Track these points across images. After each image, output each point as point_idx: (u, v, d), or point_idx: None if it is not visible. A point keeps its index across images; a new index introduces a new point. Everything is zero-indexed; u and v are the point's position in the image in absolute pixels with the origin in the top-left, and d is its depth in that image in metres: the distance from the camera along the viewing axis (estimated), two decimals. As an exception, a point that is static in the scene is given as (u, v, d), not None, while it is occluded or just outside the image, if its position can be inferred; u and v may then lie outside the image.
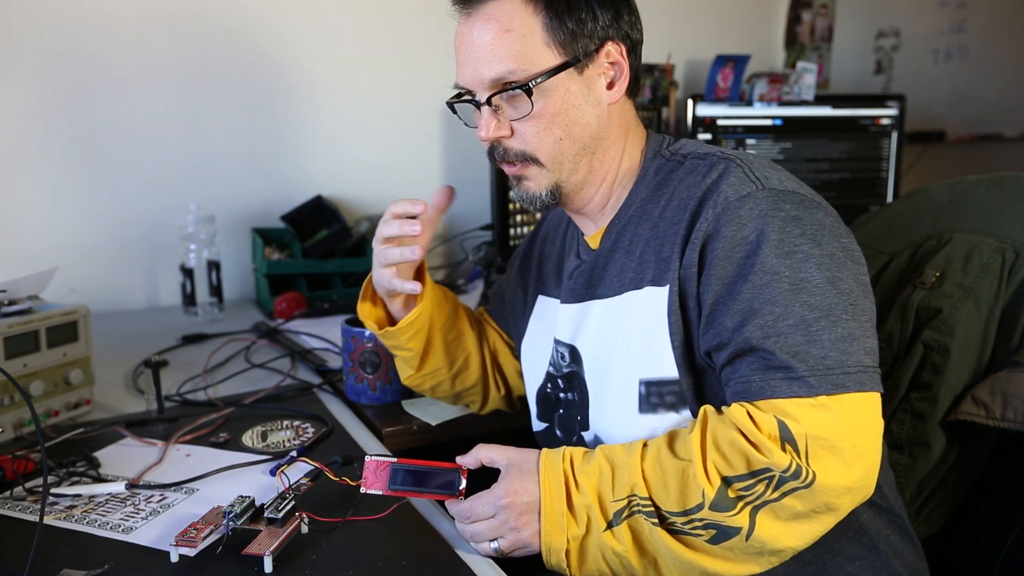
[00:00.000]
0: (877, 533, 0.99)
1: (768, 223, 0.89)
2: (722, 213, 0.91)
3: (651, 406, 0.96)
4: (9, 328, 1.18)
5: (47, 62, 1.87)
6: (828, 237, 0.90)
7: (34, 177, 1.90)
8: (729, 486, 0.84)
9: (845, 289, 0.88)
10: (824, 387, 0.84)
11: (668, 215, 0.98)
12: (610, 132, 1.02)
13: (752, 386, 0.86)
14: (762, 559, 0.86)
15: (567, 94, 0.97)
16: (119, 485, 1.04)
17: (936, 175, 2.58)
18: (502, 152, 1.01)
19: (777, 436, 0.83)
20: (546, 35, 0.95)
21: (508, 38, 0.95)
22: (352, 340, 1.33)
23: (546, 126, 0.98)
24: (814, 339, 0.85)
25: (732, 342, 0.88)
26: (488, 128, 0.98)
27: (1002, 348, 1.15)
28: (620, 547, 0.89)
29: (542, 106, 0.97)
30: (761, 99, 2.24)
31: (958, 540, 1.17)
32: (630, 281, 1.00)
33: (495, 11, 0.95)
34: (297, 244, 1.98)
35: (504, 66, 0.95)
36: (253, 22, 2.04)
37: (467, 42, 0.97)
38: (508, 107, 0.98)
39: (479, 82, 0.98)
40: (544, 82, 0.95)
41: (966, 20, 2.62)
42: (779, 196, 0.91)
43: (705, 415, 0.89)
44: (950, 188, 1.29)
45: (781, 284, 0.87)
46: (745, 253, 0.89)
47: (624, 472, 0.89)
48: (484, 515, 0.93)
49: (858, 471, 0.84)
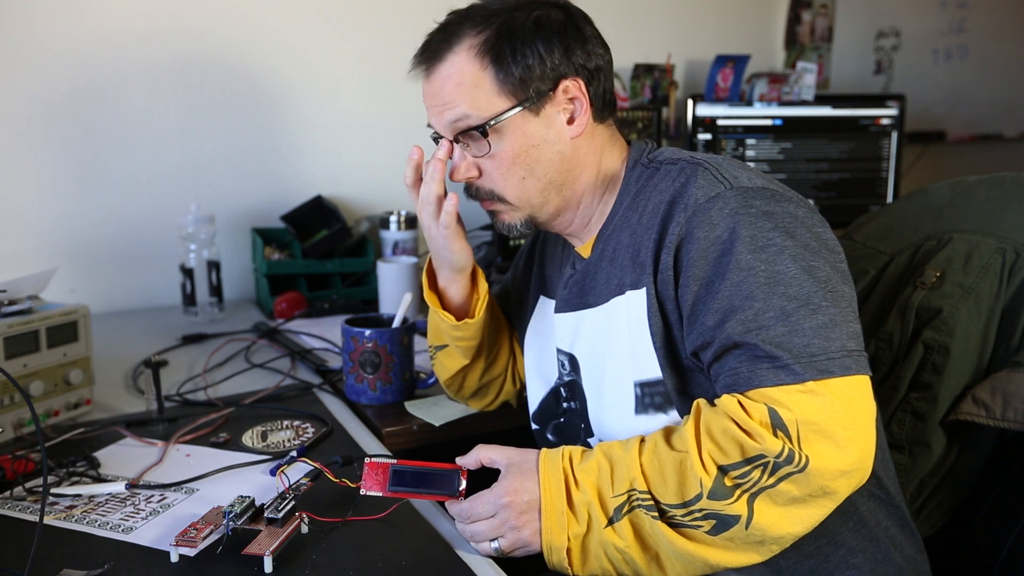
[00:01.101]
0: (877, 524, 0.99)
1: (739, 220, 0.91)
2: (693, 215, 0.93)
3: (645, 407, 0.98)
4: (9, 328, 1.18)
5: (47, 62, 1.87)
6: (801, 228, 0.91)
7: (34, 177, 1.90)
8: (725, 474, 0.85)
9: (822, 277, 0.89)
10: (810, 373, 0.85)
11: (644, 220, 1.00)
12: (578, 162, 1.05)
13: (740, 377, 0.88)
14: (763, 548, 0.87)
15: (525, 135, 1.02)
16: (119, 485, 1.04)
17: (936, 175, 2.58)
18: (474, 191, 1.08)
19: (768, 423, 0.84)
20: (495, 84, 1.01)
21: (461, 89, 1.01)
22: (352, 340, 1.33)
23: (508, 167, 1.03)
24: (795, 329, 0.86)
25: (716, 340, 0.90)
26: (460, 169, 1.06)
27: (1002, 348, 1.15)
28: (622, 543, 0.89)
29: (502, 148, 1.02)
30: (761, 99, 2.24)
31: (958, 540, 1.17)
32: (615, 288, 1.02)
33: (447, 68, 1.02)
34: (297, 244, 1.98)
35: (459, 111, 1.02)
36: (253, 23, 2.04)
37: (428, 94, 1.05)
38: (473, 146, 1.04)
39: (444, 127, 1.05)
40: (498, 124, 1.01)
41: (966, 20, 2.62)
42: (748, 193, 0.93)
43: (698, 407, 0.91)
44: (950, 188, 1.29)
45: (758, 278, 0.88)
46: (719, 252, 0.91)
47: (622, 467, 0.90)
48: (484, 515, 0.93)
49: (852, 454, 0.85)
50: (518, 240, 2.04)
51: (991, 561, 1.09)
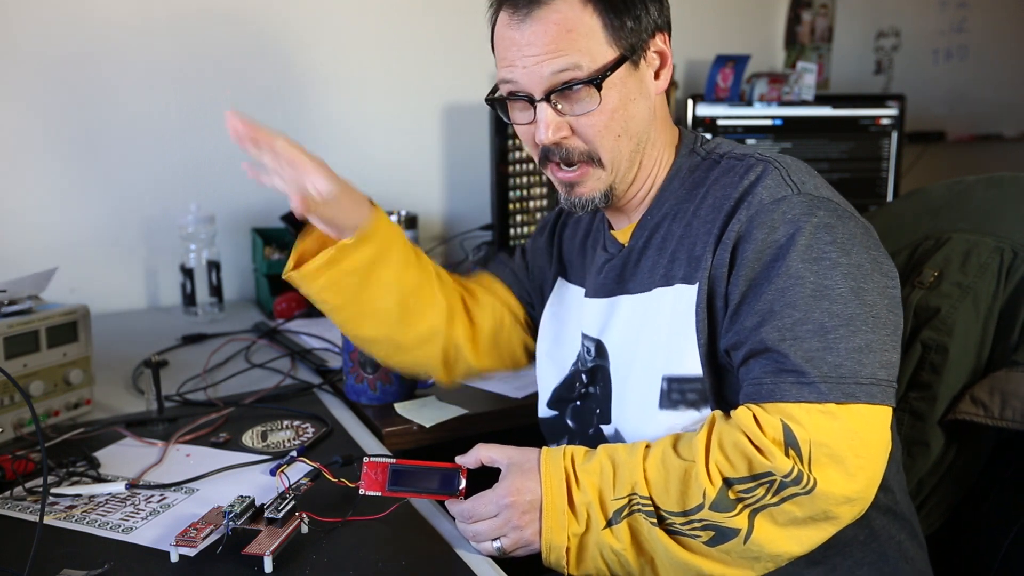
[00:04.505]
0: (889, 539, 0.99)
1: (800, 228, 0.89)
2: (755, 215, 0.91)
3: (672, 402, 0.96)
4: (9, 328, 1.18)
5: (47, 62, 1.87)
6: (858, 247, 0.90)
7: (34, 177, 1.90)
8: (730, 487, 0.84)
9: (869, 301, 0.87)
10: (834, 395, 0.83)
11: (702, 214, 0.97)
12: (656, 125, 1.02)
13: (763, 388, 0.87)
14: (758, 564, 0.87)
15: (624, 88, 0.96)
16: (119, 485, 1.04)
17: (936, 175, 2.58)
18: (564, 153, 0.98)
19: (781, 441, 0.83)
20: (605, 33, 0.95)
21: (571, 36, 0.93)
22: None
23: (607, 123, 0.96)
24: (830, 346, 0.85)
25: (748, 341, 0.89)
26: (550, 128, 0.96)
27: (1000, 347, 1.15)
28: (618, 545, 0.89)
29: (605, 102, 0.95)
30: (761, 99, 2.24)
31: (957, 539, 1.17)
32: (661, 278, 1.00)
33: (553, 13, 0.93)
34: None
35: (568, 59, 0.93)
36: (253, 23, 2.04)
37: (523, 41, 0.94)
38: (569, 104, 0.96)
39: (537, 80, 0.95)
40: (608, 77, 0.94)
41: (966, 20, 2.62)
42: (814, 202, 0.91)
43: (713, 418, 0.90)
44: (948, 188, 1.29)
45: (804, 288, 0.87)
46: (773, 256, 0.89)
47: (626, 471, 0.90)
48: (487, 514, 0.93)
49: (859, 483, 0.84)
50: (517, 240, 2.04)
51: (990, 560, 1.09)
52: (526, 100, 0.97)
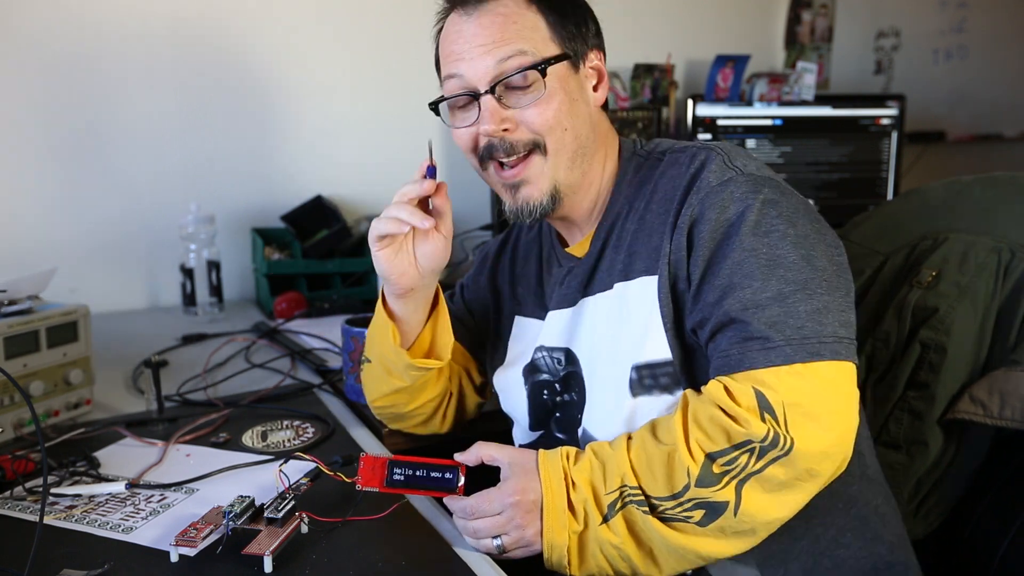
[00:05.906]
0: (866, 503, 1.00)
1: (749, 205, 0.94)
2: (706, 197, 0.96)
3: (644, 388, 0.98)
4: (9, 328, 1.18)
5: (47, 63, 1.87)
6: (803, 219, 0.95)
7: (34, 177, 1.90)
8: (713, 462, 0.86)
9: (820, 266, 0.92)
10: (800, 355, 0.87)
11: (654, 207, 1.01)
12: (597, 135, 1.06)
13: (731, 359, 0.90)
14: (753, 536, 0.89)
15: (567, 86, 1.02)
16: (119, 485, 1.05)
17: (936, 175, 2.58)
18: (508, 146, 1.00)
19: (755, 407, 0.86)
20: (549, 31, 1.01)
21: (516, 27, 0.99)
22: (352, 340, 1.34)
23: (553, 114, 1.00)
24: (790, 310, 0.89)
25: (713, 316, 0.92)
26: (495, 117, 0.99)
27: (999, 347, 1.16)
28: (616, 539, 0.90)
29: (549, 95, 0.99)
30: (761, 99, 2.24)
31: (956, 538, 1.17)
32: (619, 273, 1.03)
33: (500, 7, 1.00)
34: (297, 244, 1.99)
35: (515, 47, 0.98)
36: (253, 23, 2.04)
37: (470, 32, 1.00)
38: (515, 97, 1.00)
39: (483, 71, 0.99)
40: (552, 67, 0.99)
41: (966, 20, 2.62)
42: (758, 181, 0.96)
43: (686, 398, 0.92)
44: (945, 188, 1.29)
45: (759, 260, 0.91)
46: (726, 233, 0.94)
47: (613, 464, 0.91)
48: (490, 512, 0.93)
49: (834, 435, 0.87)
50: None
51: (989, 559, 1.09)
52: (470, 96, 1.01)
